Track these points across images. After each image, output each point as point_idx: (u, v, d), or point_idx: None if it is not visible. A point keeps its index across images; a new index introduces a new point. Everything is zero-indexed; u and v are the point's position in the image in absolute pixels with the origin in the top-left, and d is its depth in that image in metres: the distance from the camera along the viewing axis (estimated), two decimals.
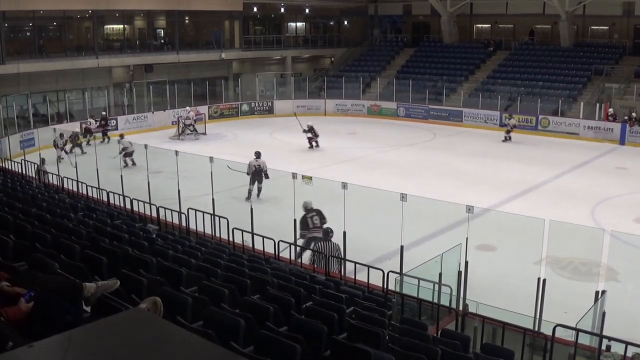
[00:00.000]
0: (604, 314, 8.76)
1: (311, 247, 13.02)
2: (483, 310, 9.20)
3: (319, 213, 14.01)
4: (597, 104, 31.85)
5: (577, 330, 7.75)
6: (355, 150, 27.68)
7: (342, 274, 11.64)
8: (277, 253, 12.20)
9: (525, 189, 20.94)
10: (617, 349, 7.84)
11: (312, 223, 13.81)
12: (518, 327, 8.49)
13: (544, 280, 10.31)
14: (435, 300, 9.66)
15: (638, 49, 35.97)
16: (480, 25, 43.29)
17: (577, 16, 37.38)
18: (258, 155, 19.36)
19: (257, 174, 18.93)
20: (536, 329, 8.87)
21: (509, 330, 8.44)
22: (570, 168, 24.40)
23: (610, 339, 8.11)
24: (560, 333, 8.16)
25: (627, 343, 7.69)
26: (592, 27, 38.57)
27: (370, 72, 41.73)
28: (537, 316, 9.92)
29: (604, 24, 37.94)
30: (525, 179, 21.85)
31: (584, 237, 15.62)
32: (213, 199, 15.54)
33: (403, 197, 11.66)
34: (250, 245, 12.75)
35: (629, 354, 7.55)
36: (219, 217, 13.89)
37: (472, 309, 9.42)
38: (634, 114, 30.08)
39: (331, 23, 48.68)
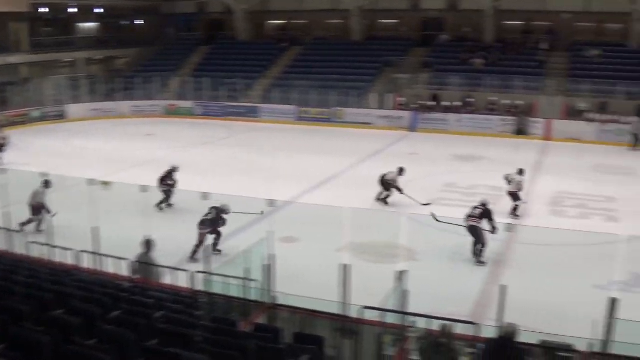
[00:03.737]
0: (406, 292, 9.03)
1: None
2: (292, 301, 9.22)
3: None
4: (388, 95, 33.70)
5: (383, 310, 7.96)
6: (154, 152, 26.81)
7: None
8: (78, 263, 11.42)
9: (324, 180, 21.46)
10: (422, 324, 8.16)
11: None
12: (327, 314, 8.56)
13: (348, 266, 10.48)
14: (245, 296, 9.57)
15: (425, 42, 38.49)
16: (274, 22, 43.87)
17: (367, 11, 39.18)
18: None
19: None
20: (345, 314, 8.98)
21: (318, 317, 8.48)
22: (366, 156, 25.41)
23: (414, 315, 8.41)
24: (369, 315, 8.33)
25: (429, 317, 8.05)
26: (381, 21, 40.59)
27: (165, 71, 40.72)
28: (345, 301, 10.06)
29: (393, 18, 40.10)
30: (324, 170, 22.37)
31: (383, 221, 16.32)
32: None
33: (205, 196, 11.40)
34: (50, 259, 11.87)
35: (436, 327, 7.89)
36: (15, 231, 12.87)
37: (281, 300, 9.40)
38: (423, 102, 32.36)
39: (124, 23, 46.86)
